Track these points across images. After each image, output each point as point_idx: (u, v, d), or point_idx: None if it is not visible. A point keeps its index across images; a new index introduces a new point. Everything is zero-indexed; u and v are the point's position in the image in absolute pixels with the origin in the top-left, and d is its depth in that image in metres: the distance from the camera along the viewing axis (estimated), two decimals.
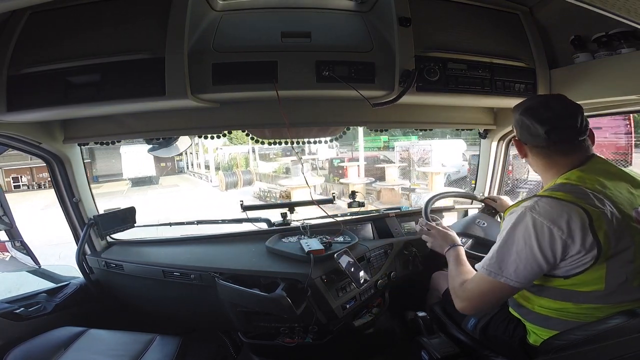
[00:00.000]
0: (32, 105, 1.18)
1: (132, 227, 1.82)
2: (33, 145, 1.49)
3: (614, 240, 0.80)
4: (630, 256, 0.81)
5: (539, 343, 0.94)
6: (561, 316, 0.89)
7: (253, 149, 17.35)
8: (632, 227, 0.82)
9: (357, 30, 1.31)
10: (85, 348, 1.34)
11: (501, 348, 1.08)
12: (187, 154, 19.54)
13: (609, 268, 0.80)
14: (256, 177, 14.52)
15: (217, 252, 1.71)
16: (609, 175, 0.89)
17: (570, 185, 0.87)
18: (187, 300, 1.64)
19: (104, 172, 23.10)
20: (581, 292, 0.84)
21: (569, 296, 0.86)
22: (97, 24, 1.18)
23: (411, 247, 1.71)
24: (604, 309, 0.83)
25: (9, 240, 1.56)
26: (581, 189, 0.84)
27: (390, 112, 1.44)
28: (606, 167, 0.92)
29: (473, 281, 0.97)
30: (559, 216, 0.81)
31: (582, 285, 0.83)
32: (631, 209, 0.84)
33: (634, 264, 0.81)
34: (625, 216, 0.82)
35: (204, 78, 1.20)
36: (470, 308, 0.97)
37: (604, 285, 0.81)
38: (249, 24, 1.30)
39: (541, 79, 1.37)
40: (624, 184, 0.89)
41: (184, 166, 24.94)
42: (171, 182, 19.59)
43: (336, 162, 14.06)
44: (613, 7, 0.67)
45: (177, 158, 25.89)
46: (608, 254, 0.80)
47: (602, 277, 0.81)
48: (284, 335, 1.53)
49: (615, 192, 0.85)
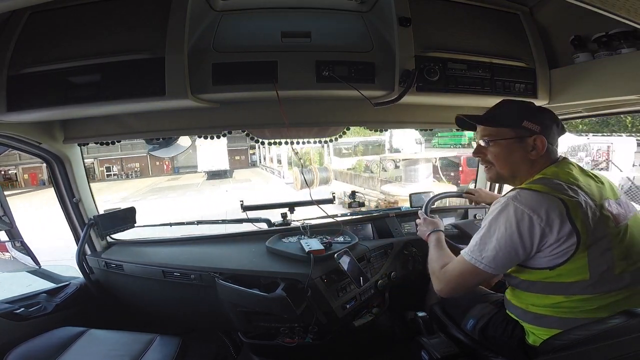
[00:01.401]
0: (32, 105, 1.18)
1: (132, 227, 1.82)
2: (33, 145, 1.49)
3: (591, 227, 0.85)
4: (607, 244, 0.86)
5: (537, 343, 0.95)
6: (555, 313, 0.90)
7: (327, 142, 16.20)
8: (605, 217, 0.87)
9: (357, 30, 1.31)
10: (85, 348, 1.34)
11: (501, 349, 1.08)
12: (259, 147, 19.00)
13: (590, 257, 0.85)
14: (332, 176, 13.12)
15: (217, 252, 1.71)
16: (578, 171, 0.97)
17: (547, 179, 0.93)
18: (187, 300, 1.64)
19: (184, 164, 23.74)
20: (568, 283, 0.87)
21: (558, 289, 0.89)
22: (97, 24, 1.18)
23: (411, 247, 1.71)
24: (594, 299, 0.86)
25: (9, 241, 1.55)
26: (556, 182, 0.91)
27: (390, 112, 1.44)
28: (574, 165, 1.00)
29: (454, 265, 1.02)
30: (538, 205, 0.86)
31: (568, 276, 0.87)
32: (601, 199, 0.90)
33: (612, 252, 0.86)
34: (597, 206, 0.88)
35: (204, 78, 1.20)
36: (448, 290, 1.03)
37: (588, 274, 0.85)
38: (249, 23, 1.30)
39: (541, 79, 1.37)
40: (590, 179, 0.96)
41: (257, 160, 24.69)
42: (244, 176, 19.47)
43: (442, 163, 10.86)
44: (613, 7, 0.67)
45: (251, 151, 25.78)
46: (587, 242, 0.84)
47: (585, 266, 0.85)
48: (284, 335, 1.53)
49: (585, 184, 0.92)
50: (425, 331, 1.29)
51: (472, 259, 0.94)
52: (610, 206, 0.90)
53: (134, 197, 14.47)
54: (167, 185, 19.38)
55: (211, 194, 13.94)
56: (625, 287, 0.86)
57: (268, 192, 12.78)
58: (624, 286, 0.86)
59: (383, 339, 1.73)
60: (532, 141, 0.97)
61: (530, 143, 0.97)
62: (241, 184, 16.34)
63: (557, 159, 1.00)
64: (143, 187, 18.61)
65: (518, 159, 1.00)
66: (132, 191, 16.67)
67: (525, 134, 0.98)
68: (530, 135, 0.97)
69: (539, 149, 0.97)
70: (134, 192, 16.35)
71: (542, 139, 0.97)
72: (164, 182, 21.22)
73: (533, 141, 0.97)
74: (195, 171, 20.43)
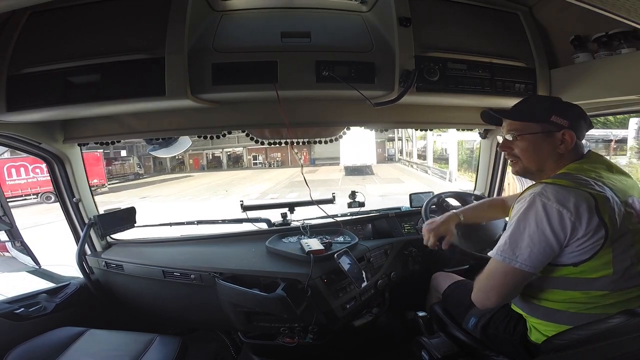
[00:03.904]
0: (32, 105, 1.18)
1: (132, 227, 1.82)
2: (33, 145, 1.49)
3: (617, 223, 0.84)
4: (629, 240, 0.86)
5: (540, 341, 0.95)
6: (569, 308, 0.90)
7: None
8: (628, 213, 0.87)
9: (357, 30, 1.31)
10: (85, 348, 1.34)
11: (502, 347, 1.08)
12: (396, 139, 17.24)
13: (614, 252, 0.85)
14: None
15: (217, 252, 1.71)
16: (605, 166, 0.96)
17: (571, 175, 0.92)
18: (187, 300, 1.64)
19: (319, 155, 23.17)
20: (591, 278, 0.86)
21: (579, 284, 0.88)
22: (97, 24, 1.18)
23: (411, 247, 1.71)
24: (612, 296, 0.86)
25: (9, 241, 1.56)
26: (581, 177, 0.90)
27: (390, 112, 1.44)
28: (602, 160, 0.99)
29: (486, 271, 0.96)
30: (566, 200, 0.85)
31: (592, 272, 0.86)
32: (625, 196, 0.90)
33: (634, 248, 0.86)
34: (622, 202, 0.87)
35: (204, 78, 1.20)
36: (493, 299, 0.95)
37: (612, 270, 0.85)
38: (249, 24, 1.30)
39: (541, 79, 1.37)
40: (617, 175, 0.95)
41: (394, 154, 23.33)
42: (389, 174, 16.34)
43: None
44: (613, 7, 0.67)
45: (388, 145, 24.05)
46: (613, 237, 0.84)
47: (609, 262, 0.85)
48: (284, 335, 1.53)
49: (610, 180, 0.91)
50: (426, 331, 1.29)
51: (505, 259, 0.89)
52: (633, 203, 0.90)
53: (273, 192, 13.29)
54: (306, 178, 17.81)
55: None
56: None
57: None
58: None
59: (383, 339, 1.73)
60: (561, 135, 0.97)
61: (559, 137, 0.97)
62: (393, 185, 12.99)
63: (583, 154, 0.99)
64: (283, 180, 17.03)
65: (545, 153, 0.99)
66: (270, 185, 15.49)
67: (553, 129, 0.97)
68: (558, 130, 0.97)
69: (567, 143, 0.96)
70: (273, 185, 15.16)
71: (571, 134, 0.96)
72: (301, 175, 19.89)
73: (562, 135, 0.97)
74: (331, 163, 19.01)
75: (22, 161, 12.05)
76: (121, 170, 21.73)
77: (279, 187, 14.82)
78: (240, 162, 26.97)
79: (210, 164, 27.42)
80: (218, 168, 26.66)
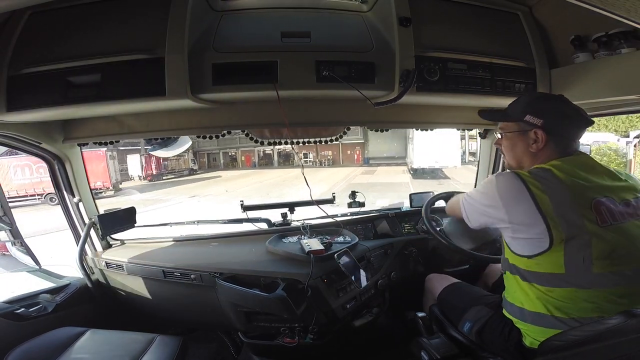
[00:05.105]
0: (32, 105, 1.18)
1: (132, 227, 1.82)
2: (33, 145, 1.49)
3: (563, 221, 0.87)
4: (586, 241, 0.87)
5: (535, 345, 0.94)
6: (548, 309, 0.91)
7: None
8: (587, 215, 0.88)
9: (357, 30, 1.31)
10: (85, 348, 1.34)
11: (499, 351, 1.08)
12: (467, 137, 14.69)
13: (566, 250, 0.87)
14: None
15: (218, 252, 1.71)
16: (585, 166, 0.97)
17: (542, 169, 0.96)
18: (188, 300, 1.64)
19: (374, 154, 21.73)
20: (546, 274, 0.90)
21: (538, 278, 0.92)
22: (97, 24, 1.18)
23: (411, 247, 1.71)
24: (576, 295, 0.87)
25: (9, 241, 1.56)
26: (550, 171, 0.94)
27: (390, 112, 1.44)
28: (585, 160, 0.99)
29: (456, 200, 1.28)
30: (509, 189, 0.94)
31: (545, 267, 0.90)
32: (597, 195, 0.90)
33: (590, 250, 0.86)
34: (580, 202, 0.89)
35: (204, 78, 1.20)
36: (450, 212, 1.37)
37: (564, 269, 0.88)
38: (249, 24, 1.30)
39: (541, 78, 1.37)
40: (601, 175, 0.96)
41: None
42: (466, 178, 12.07)
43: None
44: (613, 7, 0.67)
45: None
46: (562, 237, 0.87)
47: (560, 259, 0.88)
48: (284, 335, 1.52)
49: (580, 180, 0.92)
50: (425, 331, 1.29)
51: (462, 204, 1.10)
52: (602, 204, 0.89)
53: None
54: (365, 181, 15.12)
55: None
56: (608, 288, 0.86)
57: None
58: (601, 286, 0.86)
59: (383, 339, 1.73)
60: (533, 134, 1.00)
61: (532, 136, 1.00)
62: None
63: (568, 152, 0.99)
64: (339, 181, 14.72)
65: (520, 152, 1.05)
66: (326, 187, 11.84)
67: (527, 128, 1.01)
68: (531, 129, 1.00)
69: (538, 142, 1.00)
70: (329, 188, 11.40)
71: (541, 133, 0.99)
72: (358, 175, 17.68)
73: (534, 134, 1.00)
74: (388, 163, 17.48)
75: (27, 160, 11.99)
76: (176, 166, 21.91)
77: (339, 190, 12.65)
78: (291, 160, 25.72)
79: (261, 161, 27.24)
80: (269, 165, 26.28)
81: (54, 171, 1.67)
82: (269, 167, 25.46)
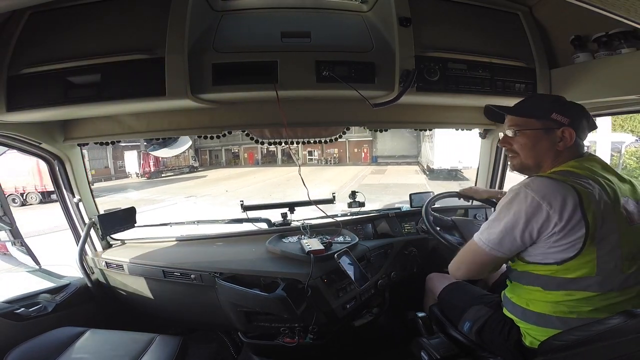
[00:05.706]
0: (32, 105, 1.18)
1: (132, 227, 1.82)
2: (33, 145, 1.49)
3: (601, 222, 0.84)
4: (617, 242, 0.85)
5: (535, 345, 0.94)
6: (555, 312, 0.90)
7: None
8: (618, 214, 0.87)
9: (357, 30, 1.31)
10: (85, 348, 1.34)
11: (499, 351, 1.08)
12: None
13: (599, 252, 0.85)
14: None
15: (218, 252, 1.71)
16: (601, 166, 0.97)
17: (564, 171, 0.94)
18: (188, 300, 1.64)
19: (382, 153, 20.68)
20: (574, 278, 0.87)
21: (562, 284, 0.89)
22: (97, 24, 1.18)
23: (411, 247, 1.71)
24: (595, 299, 0.86)
25: (9, 240, 1.56)
26: (574, 172, 0.92)
27: (390, 112, 1.44)
28: (599, 160, 0.99)
29: (466, 246, 1.05)
30: (549, 192, 0.86)
31: (574, 271, 0.87)
32: (618, 197, 0.89)
33: (621, 250, 0.85)
34: (612, 202, 0.87)
35: (204, 78, 1.20)
36: (461, 273, 1.06)
37: (595, 270, 0.85)
38: (249, 24, 1.30)
39: (541, 79, 1.37)
40: (612, 176, 0.95)
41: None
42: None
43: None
44: (613, 7, 0.67)
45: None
46: (597, 236, 0.84)
47: (593, 261, 0.85)
48: (284, 335, 1.53)
49: (604, 179, 0.91)
50: (425, 331, 1.29)
51: (480, 240, 0.96)
52: (627, 204, 0.89)
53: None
54: (376, 181, 14.31)
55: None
56: (629, 288, 0.86)
57: None
58: (627, 287, 0.86)
59: (383, 339, 1.73)
60: (560, 133, 0.98)
61: (559, 134, 0.98)
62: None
63: (582, 154, 0.99)
64: (347, 181, 13.96)
65: (544, 150, 1.00)
66: (334, 187, 10.39)
67: (553, 125, 0.98)
68: (558, 127, 0.98)
69: (566, 140, 0.97)
70: (338, 188, 10.76)
71: (571, 131, 0.97)
72: (368, 175, 16.92)
73: (561, 133, 0.97)
74: (398, 162, 16.68)
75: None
76: (176, 163, 21.25)
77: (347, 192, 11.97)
78: (296, 157, 25.15)
79: (264, 159, 26.81)
80: (272, 163, 25.78)
81: (54, 171, 1.67)
82: (272, 165, 25.01)
